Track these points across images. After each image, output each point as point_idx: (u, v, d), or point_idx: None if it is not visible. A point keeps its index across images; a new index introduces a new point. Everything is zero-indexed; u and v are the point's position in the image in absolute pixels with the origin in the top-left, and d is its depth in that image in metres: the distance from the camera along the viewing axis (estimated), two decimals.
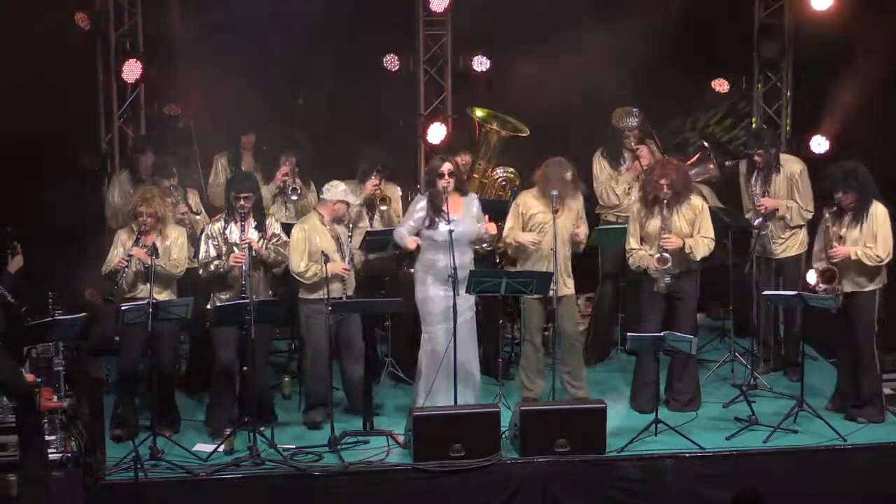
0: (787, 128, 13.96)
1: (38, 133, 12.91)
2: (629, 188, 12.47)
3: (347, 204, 11.25)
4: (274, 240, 11.16)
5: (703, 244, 11.36)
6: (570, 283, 11.55)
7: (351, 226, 11.33)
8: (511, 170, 12.76)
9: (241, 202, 11.06)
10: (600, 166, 12.61)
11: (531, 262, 11.43)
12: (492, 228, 11.38)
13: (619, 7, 13.43)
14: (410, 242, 11.21)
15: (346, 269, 11.10)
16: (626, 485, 10.73)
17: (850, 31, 13.46)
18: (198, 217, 11.98)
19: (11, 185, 12.68)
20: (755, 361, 12.20)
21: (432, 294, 11.23)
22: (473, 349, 11.33)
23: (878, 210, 11.17)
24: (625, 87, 13.09)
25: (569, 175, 11.44)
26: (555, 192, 11.32)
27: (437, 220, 11.18)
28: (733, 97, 14.27)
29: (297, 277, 11.17)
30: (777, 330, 12.50)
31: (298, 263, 11.12)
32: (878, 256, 11.11)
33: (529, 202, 11.50)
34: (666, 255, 11.29)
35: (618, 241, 11.95)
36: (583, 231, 11.56)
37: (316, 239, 11.18)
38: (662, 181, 11.30)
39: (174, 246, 11.10)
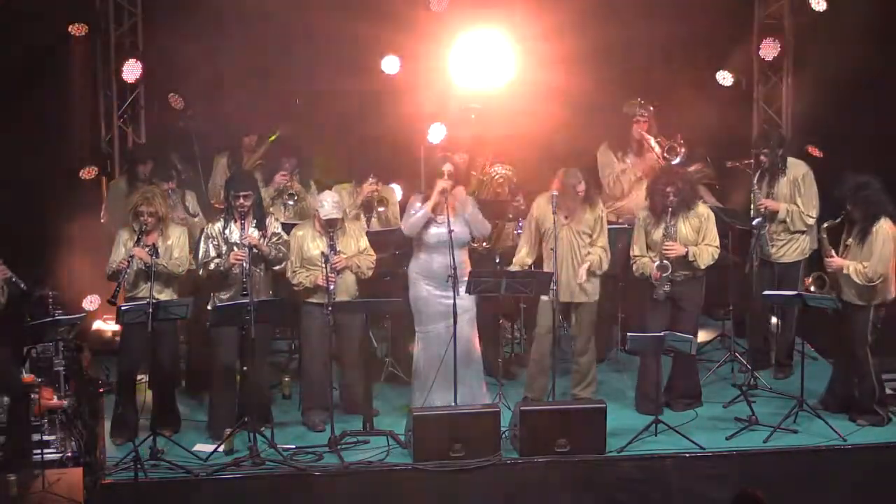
0: (788, 129, 13.94)
1: (38, 133, 12.94)
2: (636, 179, 12.50)
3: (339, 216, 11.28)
4: (274, 238, 11.16)
5: (707, 252, 11.36)
6: (589, 289, 11.50)
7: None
8: (509, 168, 12.75)
9: (241, 201, 11.05)
10: (607, 159, 12.61)
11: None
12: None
13: (618, 7, 13.43)
14: (426, 207, 11.16)
15: (331, 279, 11.04)
16: (626, 485, 10.74)
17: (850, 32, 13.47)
18: (195, 219, 11.98)
19: (11, 185, 12.69)
20: (753, 361, 12.21)
21: (424, 294, 11.28)
22: (473, 337, 11.32)
23: (882, 229, 11.10)
24: (624, 89, 13.10)
25: (580, 187, 11.41)
26: (555, 193, 11.33)
27: (430, 221, 11.21)
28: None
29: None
30: (769, 329, 12.52)
31: (288, 268, 11.18)
32: (866, 276, 11.09)
33: (542, 207, 11.51)
34: (666, 262, 11.30)
35: (617, 241, 11.95)
36: (595, 260, 11.40)
37: (307, 245, 11.20)
38: (668, 189, 11.30)
39: (175, 245, 11.09)
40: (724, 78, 13.70)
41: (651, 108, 12.60)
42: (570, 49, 13.03)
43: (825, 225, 11.35)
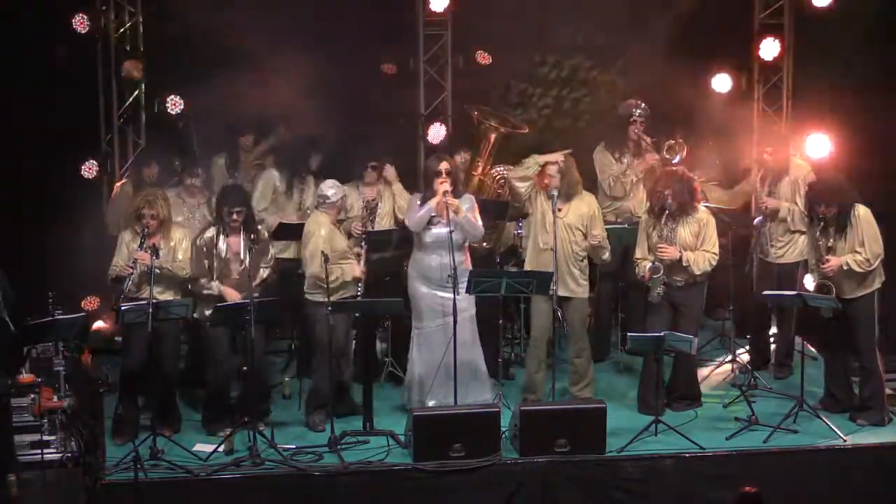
0: (788, 129, 13.93)
1: (38, 133, 12.94)
2: (636, 180, 12.49)
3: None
4: (267, 255, 11.16)
5: (703, 258, 11.33)
6: (580, 285, 11.52)
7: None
8: (510, 167, 12.74)
9: (234, 217, 11.05)
10: (606, 159, 12.60)
11: (539, 262, 11.41)
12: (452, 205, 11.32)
13: (618, 7, 13.43)
14: (431, 204, 11.21)
15: (364, 273, 11.12)
16: (626, 485, 10.74)
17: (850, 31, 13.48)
18: None
19: (11, 186, 12.69)
20: (753, 361, 12.22)
21: (418, 292, 11.35)
22: (475, 349, 11.36)
23: (861, 212, 11.13)
24: (623, 87, 13.11)
25: (558, 165, 11.40)
26: (554, 192, 11.34)
27: (430, 220, 11.23)
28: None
29: (316, 281, 11.10)
30: (769, 329, 12.53)
31: (314, 265, 11.06)
32: (867, 261, 11.07)
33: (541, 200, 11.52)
34: (658, 264, 11.28)
35: (616, 241, 11.95)
36: (599, 234, 11.47)
37: (336, 240, 11.22)
38: (666, 192, 11.29)
39: (179, 248, 11.08)
40: (722, 83, 13.73)
41: (646, 112, 12.59)
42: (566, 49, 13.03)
43: (818, 232, 11.30)
